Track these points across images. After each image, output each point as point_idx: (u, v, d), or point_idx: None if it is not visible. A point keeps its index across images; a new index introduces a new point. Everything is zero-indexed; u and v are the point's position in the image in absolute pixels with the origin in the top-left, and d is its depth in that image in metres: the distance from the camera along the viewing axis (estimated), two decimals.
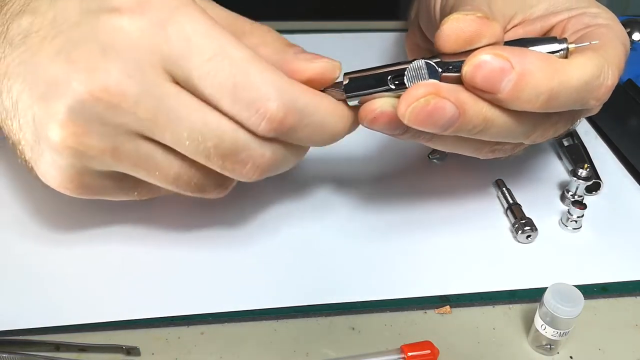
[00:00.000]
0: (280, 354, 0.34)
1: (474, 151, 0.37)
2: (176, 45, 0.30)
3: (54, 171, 0.33)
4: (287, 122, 0.31)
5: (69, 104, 0.30)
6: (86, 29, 0.30)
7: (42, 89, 0.30)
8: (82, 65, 0.30)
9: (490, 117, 0.32)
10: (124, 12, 0.30)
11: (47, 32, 0.31)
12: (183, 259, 0.39)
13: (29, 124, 0.31)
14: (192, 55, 0.30)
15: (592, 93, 0.33)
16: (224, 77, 0.30)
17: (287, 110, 0.31)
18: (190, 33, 0.30)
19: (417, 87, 0.31)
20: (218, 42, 0.30)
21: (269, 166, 0.33)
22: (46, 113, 0.30)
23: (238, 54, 0.30)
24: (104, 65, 0.30)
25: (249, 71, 0.30)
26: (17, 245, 0.39)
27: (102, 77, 0.30)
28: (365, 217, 0.42)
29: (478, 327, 0.36)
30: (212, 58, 0.30)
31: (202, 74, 0.30)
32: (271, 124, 0.31)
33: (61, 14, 0.31)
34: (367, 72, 0.34)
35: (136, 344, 0.33)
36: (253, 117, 0.31)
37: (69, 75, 0.30)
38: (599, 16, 0.36)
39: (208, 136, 0.31)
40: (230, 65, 0.30)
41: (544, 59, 0.32)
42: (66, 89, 0.30)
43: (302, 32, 0.61)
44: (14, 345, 0.33)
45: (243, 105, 0.30)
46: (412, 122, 0.31)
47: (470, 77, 0.31)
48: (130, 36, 0.30)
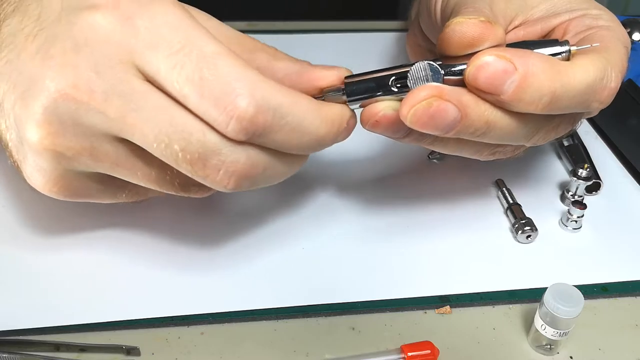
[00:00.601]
0: (280, 354, 0.34)
1: (475, 153, 0.37)
2: (144, 37, 0.29)
3: (37, 174, 0.32)
4: (259, 121, 0.29)
5: (44, 103, 0.29)
6: (64, 26, 0.30)
7: (21, 88, 0.30)
8: (56, 62, 0.29)
9: (493, 119, 0.32)
10: (99, 7, 0.29)
11: (30, 29, 0.30)
12: (183, 259, 0.39)
13: (13, 125, 0.31)
14: (159, 47, 0.29)
15: (595, 96, 0.33)
16: (190, 70, 0.28)
17: (258, 108, 0.29)
18: (159, 25, 0.29)
19: (419, 90, 0.31)
20: (187, 34, 0.29)
21: (245, 174, 0.31)
22: (25, 113, 0.30)
23: (208, 47, 0.29)
24: (75, 61, 0.29)
25: (217, 65, 0.29)
26: (17, 246, 0.39)
27: (72, 74, 0.29)
28: (365, 217, 0.42)
29: (478, 327, 0.36)
30: (179, 50, 0.29)
31: (169, 67, 0.29)
32: (240, 122, 0.29)
33: (45, 12, 0.31)
34: (368, 75, 0.34)
35: (136, 344, 0.33)
36: (221, 116, 0.28)
37: (43, 73, 0.29)
38: (600, 18, 0.36)
39: (174, 137, 0.29)
40: (197, 58, 0.29)
41: (546, 61, 0.32)
42: (41, 87, 0.29)
43: (302, 32, 0.61)
44: (14, 345, 0.33)
45: (210, 101, 0.28)
46: (414, 124, 0.31)
47: (473, 79, 0.31)
48: (102, 31, 0.29)
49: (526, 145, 0.37)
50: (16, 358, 0.32)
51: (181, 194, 0.34)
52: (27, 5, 0.32)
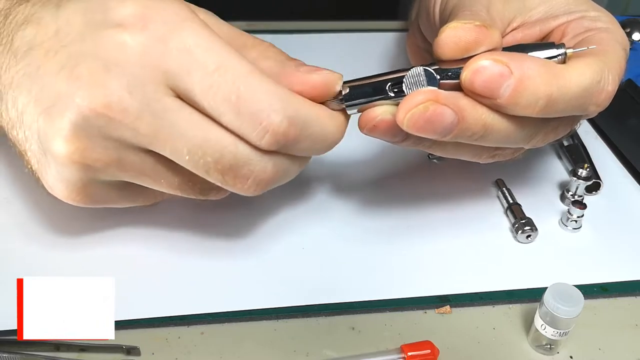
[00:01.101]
0: (280, 354, 0.34)
1: (474, 156, 0.37)
2: (177, 60, 0.30)
3: (60, 184, 0.33)
4: (291, 134, 0.31)
5: (72, 119, 0.30)
6: (89, 44, 0.30)
7: (46, 103, 0.30)
8: (85, 82, 0.30)
9: (490, 122, 0.32)
10: (126, 27, 0.30)
11: (50, 45, 0.31)
12: (183, 259, 0.39)
13: (34, 137, 0.32)
14: (194, 69, 0.30)
15: (592, 99, 0.33)
16: (226, 90, 0.30)
17: (290, 122, 0.31)
18: (192, 47, 0.30)
19: (416, 94, 0.31)
20: (220, 56, 0.30)
21: (271, 180, 0.33)
22: (51, 128, 0.31)
23: (240, 67, 0.30)
24: (106, 81, 0.30)
25: (251, 84, 0.30)
26: (18, 246, 0.39)
27: (104, 93, 0.30)
28: (365, 217, 0.42)
29: (478, 327, 0.36)
30: (214, 72, 0.30)
31: (204, 88, 0.30)
32: (275, 136, 0.31)
33: (65, 27, 0.31)
34: (365, 80, 0.34)
35: (136, 344, 0.33)
36: (256, 131, 0.30)
37: (72, 91, 0.30)
38: (599, 19, 0.36)
39: (208, 152, 0.31)
40: (232, 79, 0.30)
41: (542, 64, 0.32)
42: (69, 104, 0.30)
43: (302, 32, 0.61)
44: (14, 345, 0.33)
45: (246, 118, 0.30)
46: (411, 128, 0.31)
47: (470, 83, 0.32)
48: (132, 52, 0.30)
49: (525, 147, 0.37)
50: (16, 358, 0.33)
51: (199, 197, 0.35)
52: (39, 18, 0.32)
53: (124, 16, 0.30)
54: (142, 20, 0.30)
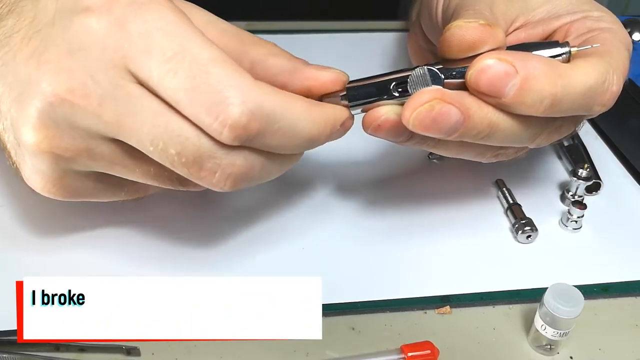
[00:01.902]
0: (280, 354, 0.34)
1: (477, 156, 0.37)
2: (137, 43, 0.29)
3: (35, 175, 0.32)
4: (252, 128, 0.29)
5: (39, 106, 0.29)
6: (58, 29, 0.30)
7: (17, 90, 0.30)
8: (51, 67, 0.29)
9: (495, 121, 0.32)
10: (93, 11, 0.29)
11: (26, 32, 0.30)
12: (181, 259, 0.38)
13: (9, 127, 0.31)
14: (152, 53, 0.28)
15: (596, 99, 0.33)
16: (182, 77, 0.28)
17: (251, 115, 0.29)
18: (152, 30, 0.29)
19: (421, 93, 0.31)
20: (180, 40, 0.29)
21: (242, 175, 0.31)
22: (20, 116, 0.30)
23: (201, 52, 0.29)
24: (70, 66, 0.29)
25: (209, 72, 0.28)
26: (17, 246, 0.38)
27: (66, 78, 0.29)
28: (365, 217, 0.42)
29: (478, 327, 0.36)
30: (171, 57, 0.28)
31: (162, 74, 0.28)
32: (234, 131, 0.29)
33: (40, 13, 0.30)
34: (369, 80, 0.34)
35: (136, 344, 0.33)
36: (214, 124, 0.28)
37: (39, 77, 0.29)
38: (602, 20, 0.36)
39: (169, 143, 0.29)
40: (190, 65, 0.28)
41: (548, 63, 0.32)
42: (36, 91, 0.29)
43: (302, 32, 0.61)
44: (14, 345, 0.33)
45: (203, 109, 0.28)
46: (416, 127, 0.31)
47: (475, 82, 0.32)
48: (96, 35, 0.29)
49: (529, 147, 0.37)
50: (16, 358, 0.32)
51: (180, 189, 0.34)
52: (22, 7, 0.31)
53: (92, 0, 0.29)
54: (107, 2, 0.29)
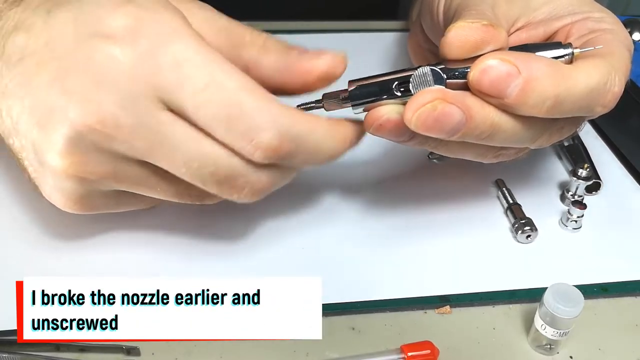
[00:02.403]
0: (280, 354, 0.34)
1: (478, 156, 0.37)
2: (168, 75, 0.30)
3: (57, 193, 0.33)
4: (282, 150, 0.31)
5: (66, 134, 0.30)
6: (80, 57, 0.30)
7: (39, 115, 0.30)
8: (77, 97, 0.29)
9: (498, 122, 0.32)
10: (116, 40, 0.30)
11: (42, 56, 0.30)
12: (182, 259, 0.39)
13: (30, 148, 0.32)
14: (184, 85, 0.30)
15: (598, 100, 0.33)
16: (216, 107, 0.30)
17: (281, 138, 0.31)
18: (182, 62, 0.30)
19: (423, 93, 0.31)
20: (210, 71, 0.30)
21: (267, 188, 0.33)
22: (45, 141, 0.30)
23: (231, 83, 0.30)
24: (98, 96, 0.29)
25: (241, 101, 0.30)
26: (17, 246, 0.38)
27: (96, 109, 0.29)
28: (364, 217, 0.42)
29: (478, 327, 0.36)
30: (204, 89, 0.30)
31: (195, 105, 0.30)
32: (266, 153, 0.31)
33: (56, 37, 0.30)
34: (371, 79, 0.34)
35: (136, 344, 0.33)
36: (247, 147, 0.30)
37: (64, 106, 0.30)
38: (603, 21, 0.36)
39: (204, 164, 0.31)
40: (222, 96, 0.30)
41: (550, 64, 0.32)
42: (63, 119, 0.30)
43: (302, 32, 0.61)
44: (14, 345, 0.33)
45: (237, 135, 0.30)
46: (418, 127, 0.31)
47: (477, 82, 0.32)
48: (123, 66, 0.29)
49: (531, 147, 0.37)
50: (16, 358, 0.32)
51: (196, 203, 0.35)
52: (30, 24, 0.31)
53: (115, 28, 0.30)
54: (132, 32, 0.30)
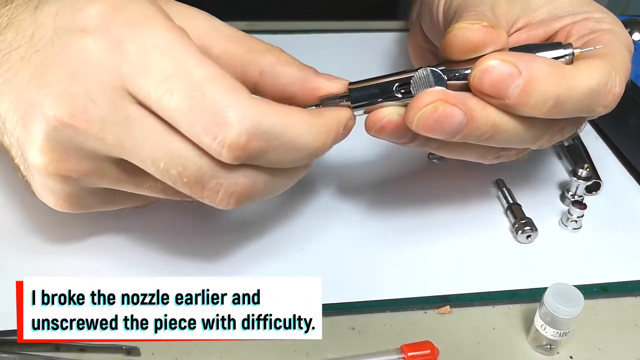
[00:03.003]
0: (280, 354, 0.34)
1: (479, 157, 0.37)
2: (134, 63, 0.28)
3: (46, 192, 0.32)
4: (251, 147, 0.28)
5: (43, 129, 0.29)
6: (57, 50, 0.29)
7: (21, 112, 0.30)
8: (52, 90, 0.29)
9: (499, 122, 0.32)
10: (90, 31, 0.29)
11: (25, 50, 0.30)
12: (182, 259, 0.38)
13: (16, 145, 0.31)
14: (150, 73, 0.28)
15: (599, 100, 0.33)
16: (179, 98, 0.28)
17: (249, 135, 0.28)
18: (149, 49, 0.28)
19: (425, 94, 0.31)
20: (177, 59, 0.28)
21: (245, 193, 0.31)
22: (26, 137, 0.30)
23: (198, 71, 0.28)
24: (71, 89, 0.29)
25: (206, 92, 0.28)
26: (17, 246, 0.38)
27: (68, 102, 0.29)
28: (364, 217, 0.42)
29: (478, 327, 0.36)
30: (169, 77, 0.28)
31: (159, 94, 0.28)
32: (233, 151, 0.28)
33: (38, 31, 0.30)
34: (371, 81, 0.34)
35: (136, 344, 0.33)
36: (213, 144, 0.28)
37: (40, 100, 0.29)
38: (603, 21, 0.36)
39: (171, 163, 0.29)
40: (186, 85, 0.28)
41: (551, 65, 0.32)
42: (39, 114, 0.29)
43: (302, 32, 0.61)
44: (14, 345, 0.33)
45: (201, 130, 0.28)
46: (420, 128, 0.31)
47: (478, 83, 0.32)
48: (94, 57, 0.29)
49: (532, 148, 0.37)
50: (16, 358, 0.32)
51: (187, 200, 0.34)
52: (20, 20, 0.31)
53: (89, 18, 0.29)
54: (104, 22, 0.29)
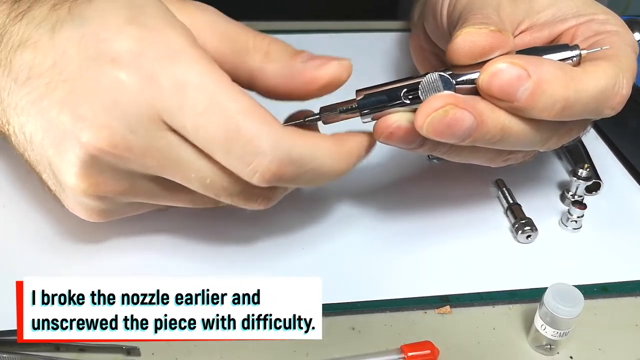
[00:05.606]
0: (280, 354, 0.34)
1: (488, 161, 0.37)
2: (169, 98, 0.30)
3: (80, 207, 0.34)
4: (282, 174, 0.31)
5: (81, 157, 0.30)
6: (87, 82, 0.30)
7: (52, 137, 0.31)
8: (88, 123, 0.30)
9: (508, 125, 0.33)
10: (122, 64, 0.30)
11: (50, 78, 0.30)
12: (182, 260, 0.39)
13: (46, 165, 0.32)
14: (185, 108, 0.30)
15: (607, 102, 0.33)
16: (215, 130, 0.30)
17: (280, 163, 0.30)
18: (183, 84, 0.30)
19: (434, 99, 0.31)
20: (211, 94, 0.30)
21: (279, 197, 0.35)
22: (61, 162, 0.31)
23: (231, 105, 0.30)
24: (108, 122, 0.30)
25: (240, 124, 0.30)
26: (18, 246, 0.39)
27: (108, 134, 0.30)
28: (364, 218, 0.42)
29: (478, 327, 0.36)
30: (203, 112, 0.30)
31: (195, 127, 0.30)
32: (264, 177, 0.31)
33: (62, 59, 0.30)
34: (379, 88, 0.34)
35: (136, 344, 0.33)
36: (246, 170, 0.30)
37: (77, 130, 0.30)
38: (608, 22, 0.36)
39: (216, 181, 0.32)
40: (221, 119, 0.30)
41: (559, 67, 0.32)
42: (76, 142, 0.30)
43: (302, 32, 0.61)
44: (14, 345, 0.33)
45: (235, 159, 0.30)
46: (430, 133, 0.31)
47: (487, 86, 0.32)
48: (129, 90, 0.30)
49: (540, 150, 0.37)
50: (16, 358, 0.33)
51: (211, 206, 0.36)
52: (35, 42, 0.31)
53: (119, 50, 0.30)
54: (136, 56, 0.30)
